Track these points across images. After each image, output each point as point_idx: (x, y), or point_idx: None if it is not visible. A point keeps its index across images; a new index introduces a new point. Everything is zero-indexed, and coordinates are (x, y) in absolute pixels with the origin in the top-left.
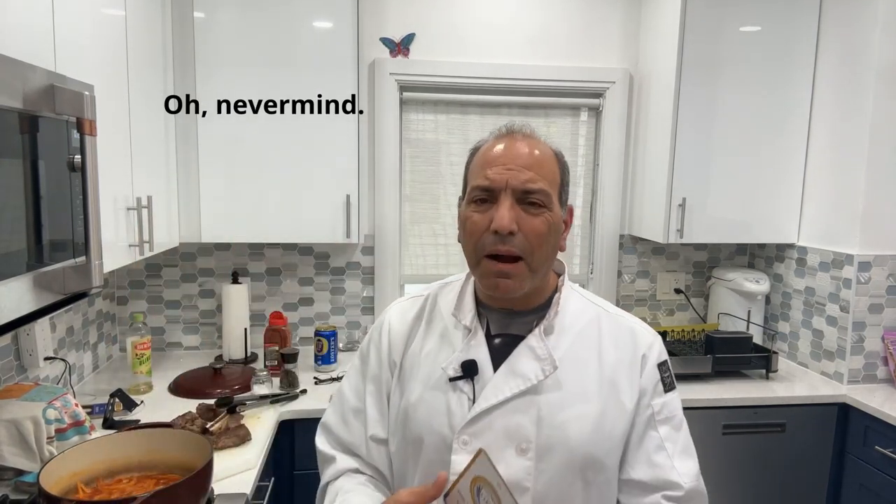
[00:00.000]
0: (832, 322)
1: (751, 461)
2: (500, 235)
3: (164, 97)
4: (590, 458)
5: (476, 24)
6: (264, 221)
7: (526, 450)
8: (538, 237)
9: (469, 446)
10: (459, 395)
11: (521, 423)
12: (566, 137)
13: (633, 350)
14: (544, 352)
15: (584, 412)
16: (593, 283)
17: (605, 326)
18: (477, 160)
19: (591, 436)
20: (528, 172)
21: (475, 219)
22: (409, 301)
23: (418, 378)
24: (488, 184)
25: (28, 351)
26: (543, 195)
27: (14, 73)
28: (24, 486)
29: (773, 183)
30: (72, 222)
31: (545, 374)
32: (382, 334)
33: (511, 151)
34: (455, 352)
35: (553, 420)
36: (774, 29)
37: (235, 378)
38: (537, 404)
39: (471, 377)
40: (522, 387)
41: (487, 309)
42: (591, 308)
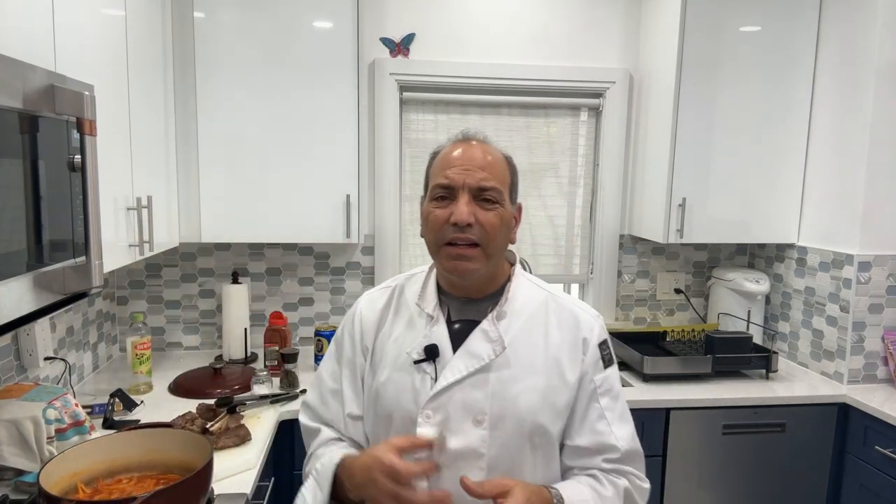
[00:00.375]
0: (832, 322)
1: (751, 461)
2: (458, 227)
3: (164, 97)
4: (537, 425)
5: (476, 24)
6: (264, 221)
7: (481, 421)
8: (492, 228)
9: (432, 420)
10: (423, 376)
11: (476, 397)
12: (566, 137)
13: (575, 333)
14: (495, 334)
15: (531, 385)
16: (593, 283)
17: (552, 310)
18: (437, 163)
19: (538, 406)
20: (482, 173)
21: (437, 213)
22: (379, 291)
23: (387, 361)
24: (448, 182)
25: (28, 351)
26: (496, 192)
27: (14, 73)
28: (24, 486)
29: (773, 183)
30: (72, 222)
31: (496, 353)
32: (355, 322)
33: (467, 154)
34: (419, 337)
35: (505, 393)
36: (774, 29)
37: (235, 378)
38: (490, 380)
39: (433, 359)
40: (477, 365)
41: (448, 297)
42: (540, 293)
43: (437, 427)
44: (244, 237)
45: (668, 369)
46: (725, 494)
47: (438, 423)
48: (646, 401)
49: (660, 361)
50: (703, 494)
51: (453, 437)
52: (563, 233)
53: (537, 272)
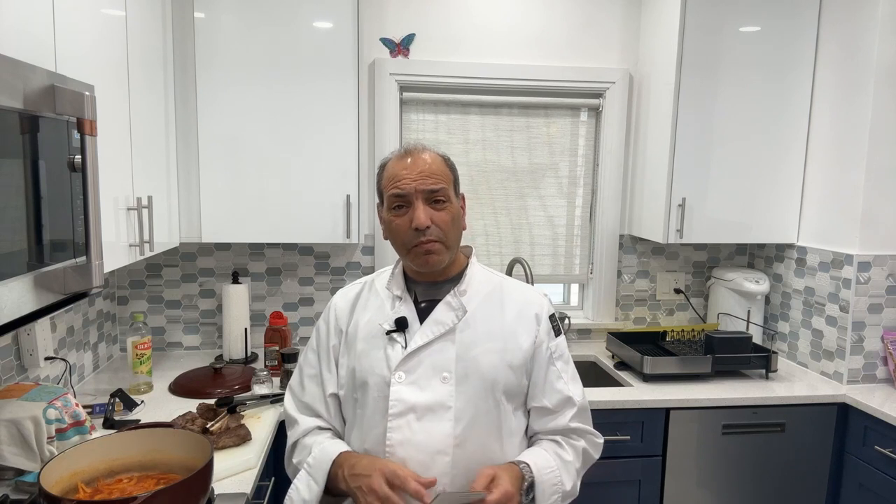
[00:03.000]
0: (832, 322)
1: (750, 461)
2: (419, 231)
3: (165, 97)
4: (496, 382)
5: (476, 24)
6: (264, 221)
7: (447, 378)
8: (446, 224)
9: (404, 379)
10: (394, 344)
11: (443, 358)
12: (566, 137)
13: (527, 308)
14: (458, 304)
15: (490, 348)
16: (593, 283)
17: (506, 289)
18: (387, 175)
19: (497, 365)
20: (430, 179)
21: (398, 222)
22: (351, 286)
23: (361, 338)
24: (402, 192)
25: (28, 351)
26: (444, 193)
27: (14, 74)
28: (24, 485)
29: (773, 183)
30: (72, 222)
31: (458, 318)
32: (330, 312)
33: (414, 165)
34: (389, 313)
35: (467, 354)
36: (774, 29)
37: (235, 378)
38: (455, 343)
39: (402, 330)
40: (442, 330)
41: (415, 283)
42: (494, 278)
43: (436, 492)
44: (244, 237)
45: (668, 369)
46: (725, 494)
47: (410, 382)
48: (646, 401)
49: (660, 361)
50: (702, 494)
51: (423, 393)
52: (562, 233)
53: (537, 272)
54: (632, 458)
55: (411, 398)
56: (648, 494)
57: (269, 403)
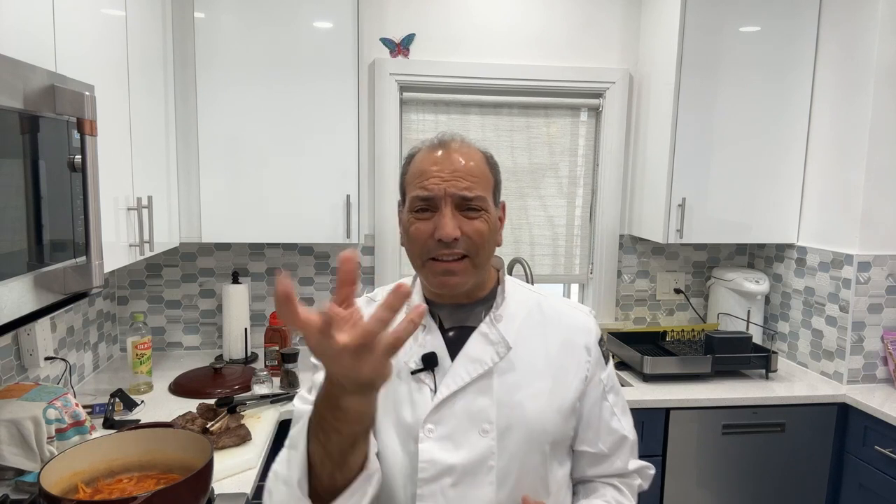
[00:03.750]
0: (832, 322)
1: (750, 461)
2: (443, 242)
3: (165, 97)
4: (545, 432)
5: (476, 24)
6: (264, 221)
7: (488, 430)
8: (480, 237)
9: (434, 433)
10: (421, 386)
11: (481, 405)
12: (566, 137)
13: (575, 333)
14: (497, 336)
15: (537, 390)
16: (593, 283)
17: (546, 311)
18: (414, 170)
19: (545, 411)
20: (464, 181)
21: (419, 227)
22: (362, 301)
23: None
24: (428, 194)
25: (28, 351)
26: (480, 200)
27: (15, 74)
28: (24, 485)
29: (773, 183)
30: (72, 222)
31: (500, 356)
32: None
33: (446, 161)
34: (413, 346)
35: (510, 400)
36: (774, 29)
37: (235, 378)
38: (494, 386)
39: (431, 368)
40: (480, 370)
41: (437, 306)
42: (532, 296)
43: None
44: (244, 237)
45: (668, 369)
46: (725, 494)
47: (442, 436)
48: (646, 401)
49: (660, 361)
50: (702, 494)
51: (459, 451)
52: (562, 233)
53: (537, 272)
54: None
55: (446, 458)
56: (648, 494)
57: (269, 403)
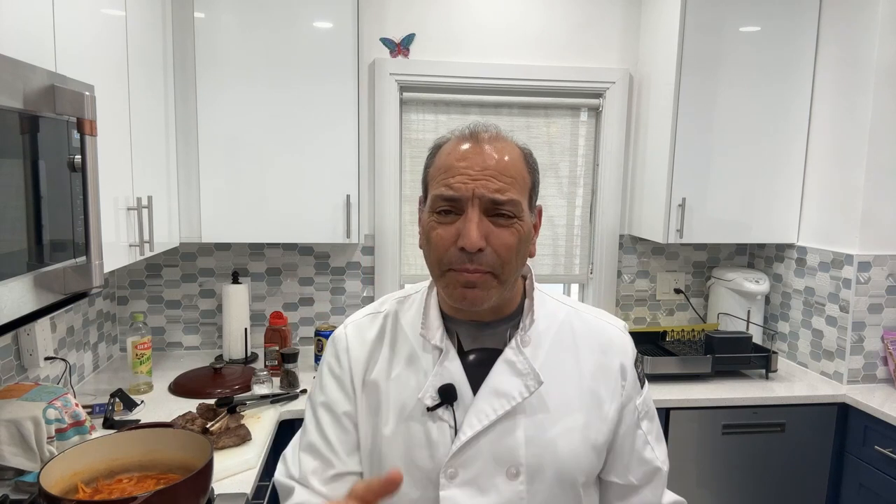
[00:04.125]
0: (832, 322)
1: (751, 461)
2: (467, 252)
3: (165, 97)
4: (580, 471)
5: (476, 24)
6: (264, 221)
7: (517, 473)
8: (508, 250)
9: (457, 479)
10: (440, 424)
11: (509, 445)
12: (566, 137)
13: (610, 355)
14: (525, 366)
15: (570, 426)
16: (593, 283)
17: (578, 329)
18: (439, 164)
19: (578, 449)
20: (496, 182)
21: (440, 232)
22: (367, 318)
23: (390, 408)
24: (452, 193)
25: (28, 351)
26: (513, 205)
27: (15, 74)
28: (24, 485)
29: (773, 183)
30: (72, 222)
31: (529, 390)
32: (341, 356)
33: (477, 157)
34: (428, 376)
35: (541, 439)
36: (774, 29)
37: (235, 378)
38: (523, 424)
39: (450, 403)
40: (507, 407)
41: (456, 323)
42: (561, 309)
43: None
44: (244, 237)
45: (668, 369)
46: (725, 494)
47: (466, 482)
48: None
49: (660, 361)
50: (703, 494)
51: (485, 497)
52: (562, 233)
53: (537, 272)
54: None
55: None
56: None
57: (269, 403)
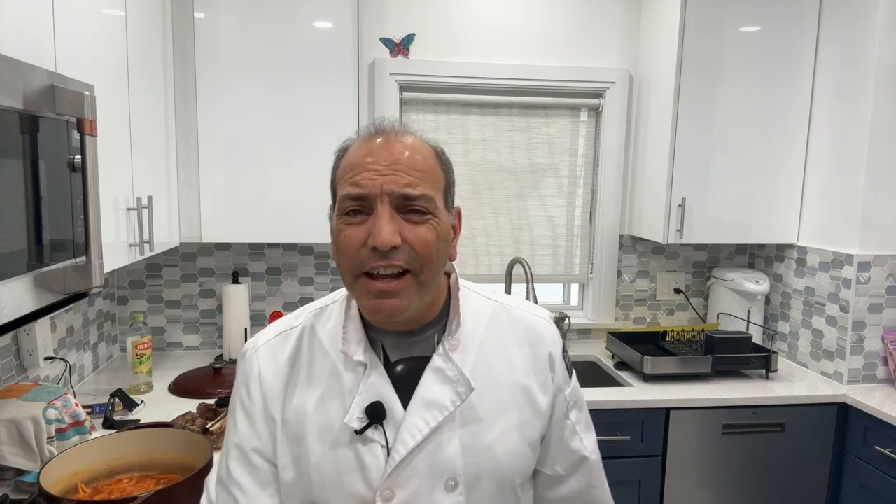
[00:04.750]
0: (832, 322)
1: (751, 461)
2: (379, 252)
3: (165, 97)
4: (518, 472)
5: (476, 24)
6: (264, 221)
7: (455, 485)
8: (425, 247)
9: (394, 499)
10: (371, 446)
11: (445, 457)
12: (566, 137)
13: (538, 348)
14: (454, 372)
15: (505, 428)
16: (593, 283)
17: (505, 323)
18: (345, 164)
19: (517, 451)
20: (406, 176)
21: (349, 233)
22: (278, 338)
23: (313, 434)
24: (359, 191)
25: (28, 351)
26: (426, 200)
27: (15, 74)
28: (24, 485)
29: (773, 183)
30: (72, 222)
31: (461, 398)
32: (251, 388)
33: (384, 152)
34: (353, 395)
35: (478, 445)
36: (774, 29)
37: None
38: (458, 433)
39: (379, 422)
40: (440, 418)
41: (379, 333)
42: (488, 305)
43: None
44: (244, 237)
45: (668, 369)
46: (725, 494)
47: (403, 501)
48: (646, 401)
49: (660, 361)
50: (703, 494)
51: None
52: (563, 233)
53: (537, 272)
54: (632, 458)
55: None
56: (648, 494)
57: None
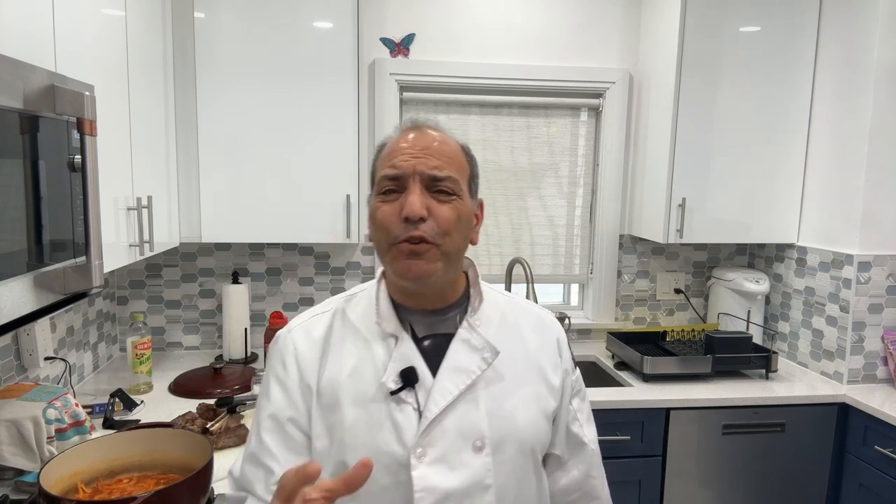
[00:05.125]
0: (832, 322)
1: (751, 461)
2: (411, 222)
3: (165, 97)
4: (537, 441)
5: (476, 24)
6: (264, 221)
7: (482, 447)
8: (448, 222)
9: (426, 458)
10: (403, 407)
11: (472, 420)
12: (566, 137)
13: (547, 332)
14: (480, 341)
15: (524, 398)
16: (593, 283)
17: (518, 315)
18: (384, 154)
19: (535, 418)
20: (434, 160)
21: (384, 209)
22: (311, 320)
23: (347, 400)
24: (395, 172)
25: (28, 351)
26: (452, 182)
27: (15, 74)
28: (24, 486)
29: (773, 183)
30: (72, 222)
31: (487, 362)
32: (287, 362)
33: (418, 140)
34: (385, 364)
35: (501, 411)
36: (774, 29)
37: (235, 378)
38: (483, 398)
39: (412, 385)
40: (468, 381)
41: (408, 312)
42: (501, 299)
43: None
44: (244, 237)
45: (668, 369)
46: (725, 494)
47: (435, 459)
48: (646, 401)
49: (660, 361)
50: (703, 494)
51: (455, 473)
52: (563, 233)
53: (537, 272)
54: (632, 458)
55: (443, 483)
56: (648, 494)
57: None
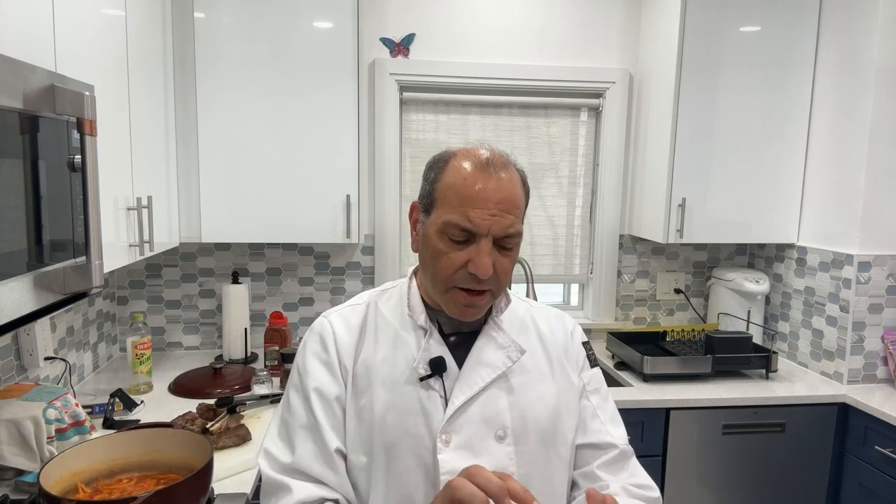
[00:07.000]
0: (832, 322)
1: (751, 461)
2: (475, 277)
3: (164, 97)
4: (558, 433)
5: (476, 24)
6: (264, 221)
7: (503, 436)
8: (506, 274)
9: (452, 443)
10: (431, 394)
11: (496, 410)
12: (566, 137)
13: (564, 332)
14: (506, 340)
15: (545, 391)
16: (593, 283)
17: (536, 315)
18: (453, 184)
19: (555, 411)
20: (508, 217)
21: (451, 256)
22: (349, 309)
23: (379, 385)
24: (471, 227)
25: (28, 351)
26: (517, 236)
27: (14, 74)
28: (24, 485)
29: (773, 183)
30: (72, 222)
31: (512, 360)
32: (328, 343)
33: (493, 192)
34: (416, 352)
35: (522, 403)
36: (774, 29)
37: (235, 378)
38: (506, 390)
39: (440, 374)
40: (493, 375)
41: (436, 311)
42: (520, 303)
43: None
44: (244, 237)
45: (668, 369)
46: (725, 494)
47: (460, 445)
48: (646, 401)
49: (660, 361)
50: (703, 494)
51: (478, 459)
52: (563, 233)
53: (537, 272)
54: None
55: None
56: None
57: (268, 403)
